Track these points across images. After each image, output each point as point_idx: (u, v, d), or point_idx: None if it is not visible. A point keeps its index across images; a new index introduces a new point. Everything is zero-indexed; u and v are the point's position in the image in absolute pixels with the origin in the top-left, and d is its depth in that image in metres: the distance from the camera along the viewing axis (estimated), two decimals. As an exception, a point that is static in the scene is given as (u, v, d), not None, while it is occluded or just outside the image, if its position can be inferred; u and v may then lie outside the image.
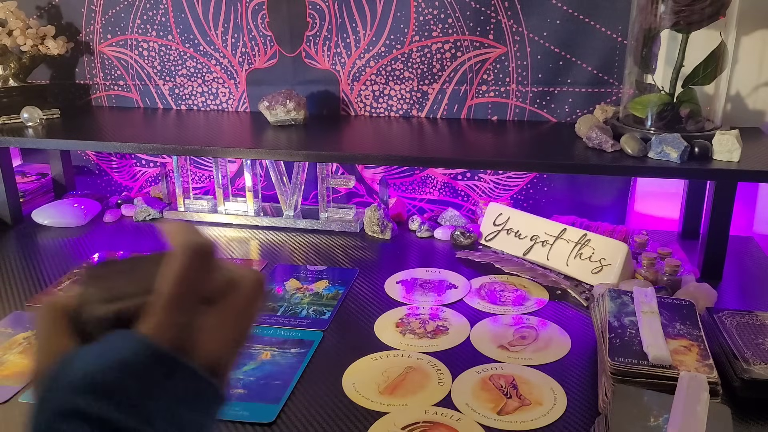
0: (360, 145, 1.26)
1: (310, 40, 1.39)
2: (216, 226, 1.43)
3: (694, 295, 1.01)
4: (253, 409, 0.83)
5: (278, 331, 1.00)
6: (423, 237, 1.36)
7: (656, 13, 1.10)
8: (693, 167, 1.05)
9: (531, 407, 0.82)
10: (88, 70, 1.54)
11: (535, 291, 1.12)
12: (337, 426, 0.80)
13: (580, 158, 1.11)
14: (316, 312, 1.06)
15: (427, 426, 0.79)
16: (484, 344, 0.97)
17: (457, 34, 1.31)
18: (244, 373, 0.90)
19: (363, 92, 1.41)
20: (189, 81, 1.49)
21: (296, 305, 1.08)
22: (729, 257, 1.17)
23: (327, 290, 1.13)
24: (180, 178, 1.45)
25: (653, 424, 0.68)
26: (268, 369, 0.91)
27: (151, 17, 1.45)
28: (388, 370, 0.91)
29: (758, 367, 0.82)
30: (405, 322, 1.03)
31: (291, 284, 1.15)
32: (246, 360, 0.93)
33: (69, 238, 1.36)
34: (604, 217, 1.36)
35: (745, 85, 1.25)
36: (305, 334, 0.99)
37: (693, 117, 1.13)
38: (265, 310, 1.04)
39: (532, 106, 1.34)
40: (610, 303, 0.92)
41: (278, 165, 1.42)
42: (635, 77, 1.17)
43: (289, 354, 0.94)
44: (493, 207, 1.31)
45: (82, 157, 1.63)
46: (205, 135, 1.32)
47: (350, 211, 1.41)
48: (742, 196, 1.32)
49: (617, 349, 0.81)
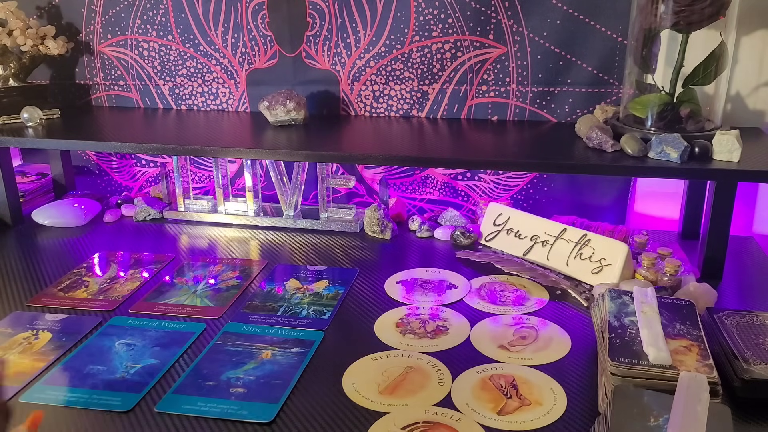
0: (360, 145, 1.26)
1: (310, 40, 1.39)
2: (216, 226, 1.43)
3: (694, 295, 1.01)
4: (253, 408, 0.83)
5: (279, 331, 1.00)
6: (423, 237, 1.36)
7: (656, 13, 1.10)
8: (693, 167, 1.05)
9: (531, 407, 0.82)
10: (88, 70, 1.54)
11: (535, 291, 1.12)
12: (337, 426, 0.80)
13: (580, 158, 1.11)
14: (316, 312, 1.06)
15: (427, 426, 0.79)
16: (484, 344, 0.97)
17: (457, 34, 1.31)
18: (245, 372, 0.90)
19: (363, 92, 1.41)
20: (189, 81, 1.49)
21: (296, 305, 1.08)
22: (729, 257, 1.17)
23: (327, 290, 1.13)
24: (180, 178, 1.45)
25: (653, 424, 0.68)
26: (269, 368, 0.91)
27: (151, 17, 1.45)
28: (388, 370, 0.91)
29: (758, 367, 0.82)
30: (405, 322, 1.03)
31: (291, 284, 1.15)
32: (246, 359, 0.93)
33: (69, 238, 1.36)
34: (604, 217, 1.36)
35: (745, 85, 1.25)
36: (306, 334, 0.99)
37: (693, 117, 1.13)
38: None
39: (532, 106, 1.34)
40: (610, 303, 0.92)
41: (278, 165, 1.42)
42: (635, 77, 1.17)
43: (290, 354, 0.94)
44: (493, 207, 1.31)
45: (82, 157, 1.63)
46: (205, 135, 1.32)
47: (350, 211, 1.41)
48: (742, 196, 1.32)
49: (617, 349, 0.81)
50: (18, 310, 1.08)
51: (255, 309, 1.07)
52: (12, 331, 1.01)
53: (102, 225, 1.44)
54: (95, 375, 0.90)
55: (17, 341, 0.99)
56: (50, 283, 1.17)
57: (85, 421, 0.82)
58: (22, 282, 1.18)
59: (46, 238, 1.37)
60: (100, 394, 0.86)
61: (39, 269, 1.23)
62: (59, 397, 0.86)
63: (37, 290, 1.15)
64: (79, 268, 1.23)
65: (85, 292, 1.13)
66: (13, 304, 1.10)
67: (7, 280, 1.18)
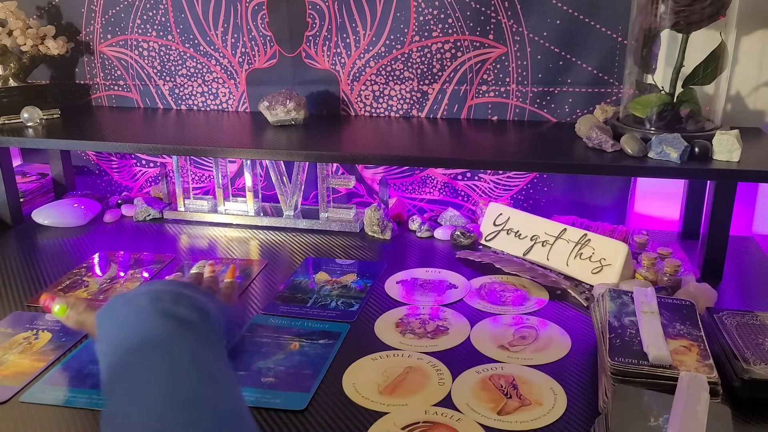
0: (360, 145, 1.26)
1: (310, 40, 1.39)
2: (216, 226, 1.43)
3: (694, 295, 1.01)
4: (285, 397, 0.85)
5: (305, 323, 1.03)
6: (423, 237, 1.36)
7: (656, 13, 1.09)
8: (693, 167, 1.05)
9: (531, 407, 0.82)
10: (88, 70, 1.54)
11: (535, 291, 1.12)
12: (337, 426, 0.80)
13: (580, 158, 1.11)
14: (345, 304, 1.08)
15: (427, 426, 0.79)
16: (484, 344, 0.97)
17: (457, 34, 1.31)
18: (275, 363, 0.92)
19: (363, 92, 1.41)
20: (189, 81, 1.49)
21: (325, 297, 1.11)
22: (729, 257, 1.17)
23: (355, 283, 1.15)
24: (180, 178, 1.45)
25: (653, 424, 0.68)
26: (297, 359, 0.93)
27: (151, 17, 1.45)
28: (388, 370, 0.91)
29: (758, 367, 0.82)
30: (405, 322, 1.03)
31: (320, 277, 1.18)
32: (275, 351, 0.95)
33: (69, 238, 1.36)
34: (604, 217, 1.36)
35: (745, 85, 1.25)
36: (332, 326, 1.02)
37: (693, 117, 1.13)
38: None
39: (532, 106, 1.34)
40: (610, 303, 0.92)
41: (278, 165, 1.42)
42: (635, 77, 1.17)
43: (317, 345, 0.97)
44: (493, 207, 1.31)
45: (82, 157, 1.63)
46: (205, 135, 1.32)
47: (350, 211, 1.41)
48: (742, 196, 1.32)
49: (617, 349, 0.81)
50: (18, 310, 1.08)
51: (285, 300, 1.10)
52: (12, 331, 1.01)
53: (102, 225, 1.44)
54: (95, 375, 0.90)
55: (17, 341, 0.99)
56: (50, 283, 1.17)
57: (85, 421, 0.82)
58: (22, 282, 1.18)
59: (46, 238, 1.37)
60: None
61: (39, 269, 1.23)
62: (59, 397, 0.86)
63: (37, 290, 1.15)
64: (79, 268, 1.23)
65: (85, 292, 1.13)
66: (13, 304, 1.10)
67: (7, 280, 1.18)
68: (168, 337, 0.62)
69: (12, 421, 0.81)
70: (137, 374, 0.58)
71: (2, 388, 0.87)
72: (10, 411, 0.83)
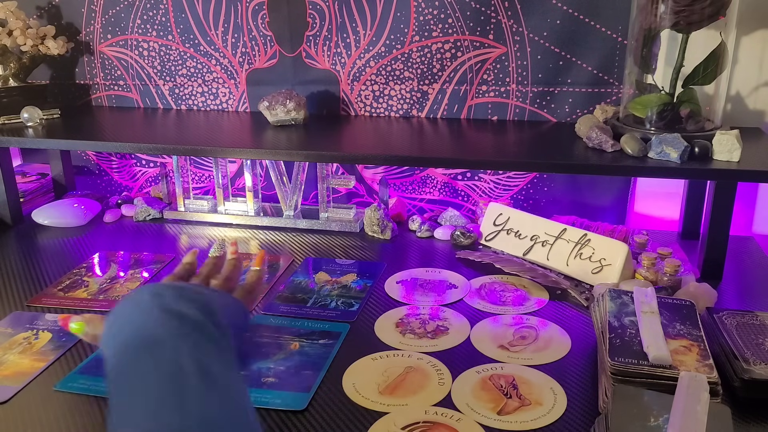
0: (360, 145, 1.26)
1: (310, 40, 1.39)
2: (216, 226, 1.43)
3: (694, 295, 1.01)
4: (285, 397, 0.85)
5: (305, 323, 1.03)
6: (423, 237, 1.36)
7: (656, 13, 1.09)
8: (693, 167, 1.05)
9: (531, 407, 0.82)
10: (88, 70, 1.54)
11: (535, 291, 1.12)
12: (337, 426, 0.80)
13: (580, 158, 1.11)
14: (345, 304, 1.08)
15: (427, 426, 0.79)
16: (484, 344, 0.97)
17: (457, 34, 1.31)
18: (275, 363, 0.92)
19: (363, 92, 1.41)
20: (189, 81, 1.49)
21: (325, 297, 1.11)
22: (729, 257, 1.17)
23: (355, 283, 1.15)
24: (180, 178, 1.45)
25: (653, 424, 0.68)
26: (298, 359, 0.93)
27: (151, 17, 1.45)
28: (388, 370, 0.91)
29: (758, 367, 0.82)
30: (405, 322, 1.03)
31: (320, 277, 1.18)
32: (275, 351, 0.95)
33: (69, 238, 1.36)
34: (604, 217, 1.36)
35: (745, 85, 1.25)
36: (332, 326, 1.02)
37: (693, 117, 1.13)
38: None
39: (532, 106, 1.34)
40: (610, 303, 0.92)
41: (278, 165, 1.42)
42: (635, 77, 1.17)
43: (317, 345, 0.97)
44: (493, 207, 1.31)
45: (82, 157, 1.63)
46: (205, 135, 1.32)
47: (350, 211, 1.41)
48: (742, 196, 1.32)
49: (617, 349, 0.81)
50: (18, 310, 1.08)
51: (285, 300, 1.10)
52: (12, 331, 1.01)
53: (102, 225, 1.44)
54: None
55: (17, 341, 0.99)
56: (50, 283, 1.17)
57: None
58: (22, 282, 1.18)
59: (46, 238, 1.37)
60: None
61: (39, 269, 1.23)
62: (91, 387, 0.87)
63: (37, 290, 1.15)
64: (79, 268, 1.23)
65: (85, 292, 1.13)
66: (13, 304, 1.10)
67: (7, 280, 1.18)
68: (167, 335, 0.62)
69: (12, 421, 0.81)
70: (136, 371, 0.59)
71: (2, 388, 0.87)
72: (10, 411, 0.83)
